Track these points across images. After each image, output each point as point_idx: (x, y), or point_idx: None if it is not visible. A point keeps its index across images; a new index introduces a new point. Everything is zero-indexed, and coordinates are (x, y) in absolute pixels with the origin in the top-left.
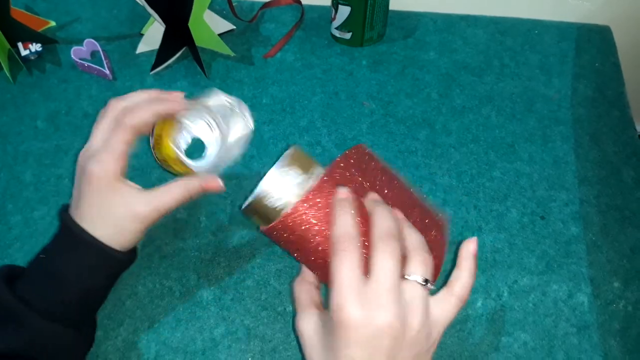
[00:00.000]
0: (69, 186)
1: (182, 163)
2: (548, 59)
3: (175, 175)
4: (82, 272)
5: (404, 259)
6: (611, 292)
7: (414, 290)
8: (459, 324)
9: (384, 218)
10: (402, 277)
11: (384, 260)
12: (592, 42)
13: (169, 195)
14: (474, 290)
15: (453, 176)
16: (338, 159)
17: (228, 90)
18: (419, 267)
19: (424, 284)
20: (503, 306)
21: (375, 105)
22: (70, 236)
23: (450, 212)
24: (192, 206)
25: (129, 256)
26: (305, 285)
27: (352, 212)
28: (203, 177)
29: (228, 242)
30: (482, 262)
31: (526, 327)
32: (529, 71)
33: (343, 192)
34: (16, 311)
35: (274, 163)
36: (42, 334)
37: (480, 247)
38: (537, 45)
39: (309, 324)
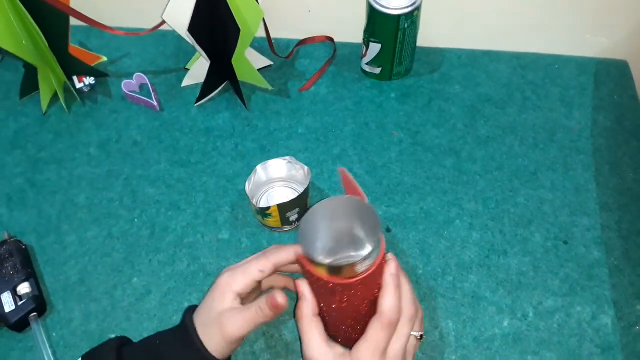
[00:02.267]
0: (119, 208)
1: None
2: (568, 92)
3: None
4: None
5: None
6: (634, 315)
7: (413, 341)
8: (487, 342)
9: (408, 288)
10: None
11: (406, 327)
12: (610, 76)
13: (247, 310)
14: (500, 310)
15: (479, 202)
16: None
17: (266, 121)
18: (419, 325)
19: (419, 338)
20: (528, 326)
21: (404, 135)
22: (183, 332)
23: (477, 236)
24: (234, 227)
25: None
26: (315, 319)
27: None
28: (269, 295)
29: None
30: (508, 284)
31: (551, 346)
32: (549, 103)
33: (394, 267)
34: None
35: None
36: None
37: (506, 269)
38: (557, 79)
39: None
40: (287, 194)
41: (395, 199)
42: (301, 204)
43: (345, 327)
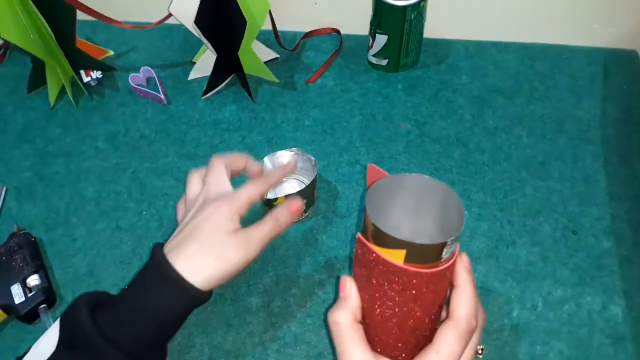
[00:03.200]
0: (128, 201)
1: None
2: (577, 82)
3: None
4: (161, 307)
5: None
6: None
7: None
8: (496, 333)
9: (474, 298)
10: None
11: (478, 339)
12: (620, 66)
13: (264, 228)
14: (509, 300)
15: (487, 192)
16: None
17: (273, 114)
18: (478, 337)
19: (480, 353)
20: (538, 316)
21: (411, 126)
22: (158, 272)
23: (485, 227)
24: (242, 220)
25: (205, 296)
26: (357, 326)
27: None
28: (286, 202)
29: (275, 254)
30: (517, 274)
31: (561, 336)
32: (558, 94)
33: (468, 262)
34: (92, 340)
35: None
36: None
37: (515, 259)
38: (566, 69)
39: None
40: (294, 186)
41: None
42: (308, 195)
43: (399, 340)
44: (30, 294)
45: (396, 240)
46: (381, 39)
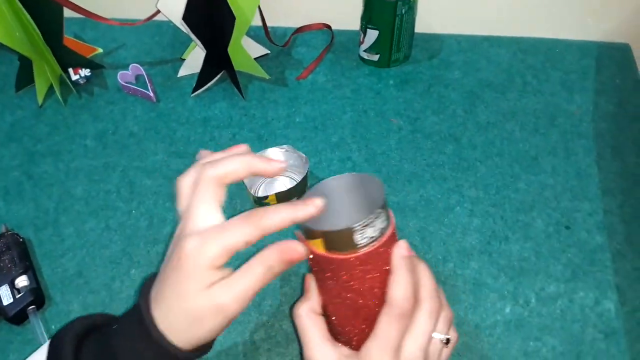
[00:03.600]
0: (117, 200)
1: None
2: (569, 76)
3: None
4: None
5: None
6: (637, 299)
7: (438, 345)
8: (489, 329)
9: (429, 277)
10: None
11: (426, 323)
12: (612, 60)
13: (245, 284)
14: (502, 296)
15: (480, 188)
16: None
17: (264, 111)
18: (445, 326)
19: (445, 342)
20: (531, 312)
21: (403, 122)
22: (137, 322)
23: (478, 223)
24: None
25: (191, 355)
26: (315, 317)
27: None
28: (281, 245)
29: None
30: (510, 270)
31: (554, 332)
32: (550, 88)
33: (406, 248)
34: None
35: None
36: None
37: (508, 255)
38: (558, 63)
39: None
40: (285, 183)
41: (395, 187)
42: (300, 192)
43: (352, 328)
44: (19, 295)
45: (313, 231)
46: (372, 34)
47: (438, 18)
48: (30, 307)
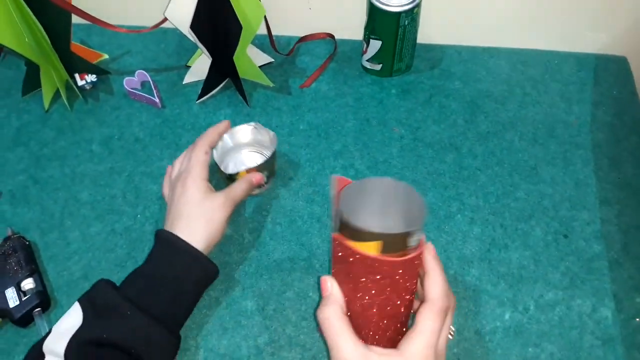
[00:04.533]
0: (122, 205)
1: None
2: (568, 88)
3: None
4: (178, 274)
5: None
6: (634, 307)
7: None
8: (488, 335)
9: (444, 281)
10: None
11: (450, 319)
12: (610, 72)
13: (238, 188)
14: (502, 303)
15: (480, 197)
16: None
17: (268, 118)
18: (450, 319)
19: (452, 334)
20: (530, 319)
21: (405, 131)
22: (169, 246)
23: (478, 231)
24: (237, 223)
25: (214, 267)
26: (345, 319)
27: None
28: (253, 175)
29: (269, 257)
30: (509, 277)
31: (552, 339)
32: (549, 99)
33: (434, 250)
34: (120, 307)
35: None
36: (141, 327)
37: (507, 263)
38: (557, 75)
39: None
40: (255, 160)
41: None
42: (269, 168)
43: (374, 326)
44: (25, 298)
45: (372, 234)
46: (375, 44)
47: (439, 29)
48: (36, 310)
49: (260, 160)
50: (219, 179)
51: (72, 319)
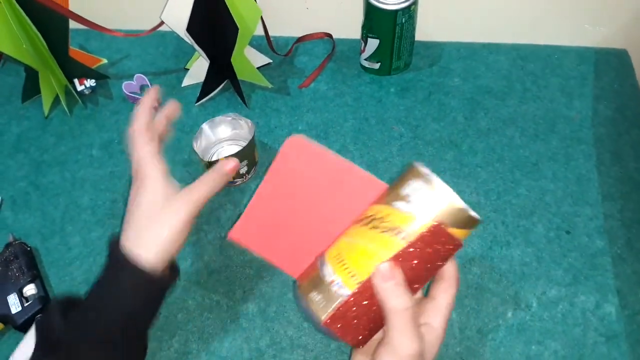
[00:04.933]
0: (123, 209)
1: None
2: (568, 82)
3: None
4: (121, 298)
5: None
6: (638, 303)
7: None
8: (491, 333)
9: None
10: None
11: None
12: (611, 65)
13: (202, 184)
14: (504, 301)
15: (481, 194)
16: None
17: (267, 119)
18: None
19: None
20: (533, 316)
21: (404, 129)
22: (112, 262)
23: (479, 228)
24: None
25: (169, 278)
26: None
27: None
28: (224, 161)
29: None
30: (511, 275)
31: (556, 336)
32: (550, 94)
33: None
34: (66, 340)
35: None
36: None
37: (509, 260)
38: (557, 69)
39: None
40: (234, 148)
41: None
42: (248, 156)
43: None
44: (27, 304)
45: (474, 219)
46: (373, 43)
47: (438, 26)
48: (38, 316)
49: (238, 148)
50: (203, 169)
51: (27, 347)
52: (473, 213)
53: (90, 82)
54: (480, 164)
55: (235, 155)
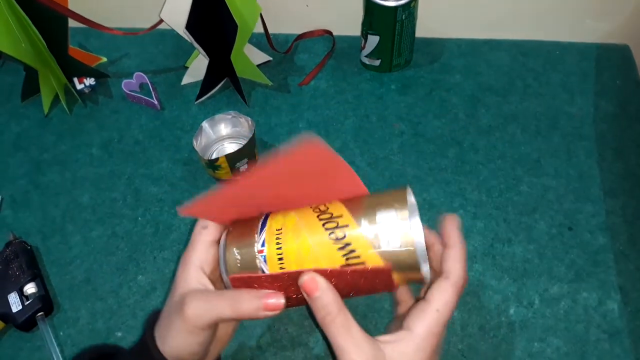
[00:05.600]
0: (123, 208)
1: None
2: (570, 78)
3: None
4: None
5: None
6: None
7: None
8: (493, 330)
9: (466, 259)
10: None
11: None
12: (612, 61)
13: (225, 302)
14: (506, 298)
15: (482, 191)
16: None
17: (267, 117)
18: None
19: None
20: (535, 313)
21: (405, 126)
22: (142, 342)
23: (481, 226)
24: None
25: None
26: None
27: None
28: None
29: None
30: (513, 272)
31: (558, 333)
32: (551, 90)
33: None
34: None
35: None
36: None
37: (511, 257)
38: (559, 66)
39: None
40: (234, 146)
41: None
42: (249, 154)
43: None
44: (28, 302)
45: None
46: (373, 40)
47: (438, 22)
48: (39, 314)
49: (238, 147)
50: (203, 167)
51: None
52: (425, 271)
53: (90, 81)
54: (481, 161)
55: (236, 153)
